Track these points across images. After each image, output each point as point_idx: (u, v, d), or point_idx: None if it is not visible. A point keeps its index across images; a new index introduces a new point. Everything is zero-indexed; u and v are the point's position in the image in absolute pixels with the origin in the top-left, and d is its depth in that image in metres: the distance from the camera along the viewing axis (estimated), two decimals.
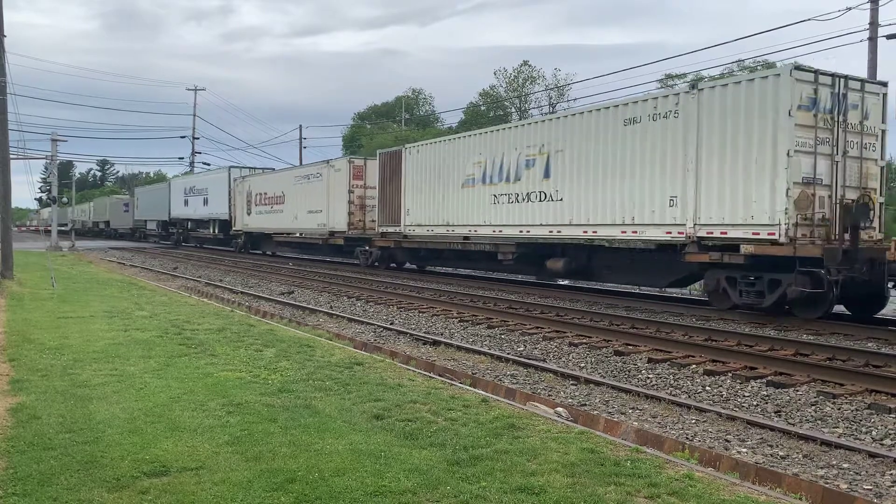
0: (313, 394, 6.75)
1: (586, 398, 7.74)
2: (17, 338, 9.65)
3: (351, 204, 26.71)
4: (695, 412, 7.14)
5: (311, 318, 13.98)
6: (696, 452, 5.69)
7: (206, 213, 43.25)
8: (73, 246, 42.90)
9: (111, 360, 8.15)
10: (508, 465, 4.87)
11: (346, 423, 5.79)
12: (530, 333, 11.79)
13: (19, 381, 7.09)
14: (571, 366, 9.48)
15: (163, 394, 6.63)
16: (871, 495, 5.00)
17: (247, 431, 5.51)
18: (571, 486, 4.51)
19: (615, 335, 11.26)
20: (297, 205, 30.98)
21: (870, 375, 8.20)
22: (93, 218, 73.98)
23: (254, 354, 8.73)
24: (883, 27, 23.60)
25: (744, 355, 9.47)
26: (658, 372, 8.99)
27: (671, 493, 4.43)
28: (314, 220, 29.41)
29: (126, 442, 5.21)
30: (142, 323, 11.24)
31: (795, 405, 7.44)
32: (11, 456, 4.90)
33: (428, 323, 13.22)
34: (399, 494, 4.33)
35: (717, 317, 13.48)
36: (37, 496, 4.23)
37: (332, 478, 4.56)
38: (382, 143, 52.03)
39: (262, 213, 35.21)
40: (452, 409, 6.30)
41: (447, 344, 10.89)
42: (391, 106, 74.52)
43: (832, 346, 10.03)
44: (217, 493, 4.31)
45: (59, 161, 46.59)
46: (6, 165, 19.47)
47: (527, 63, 67.62)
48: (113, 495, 4.27)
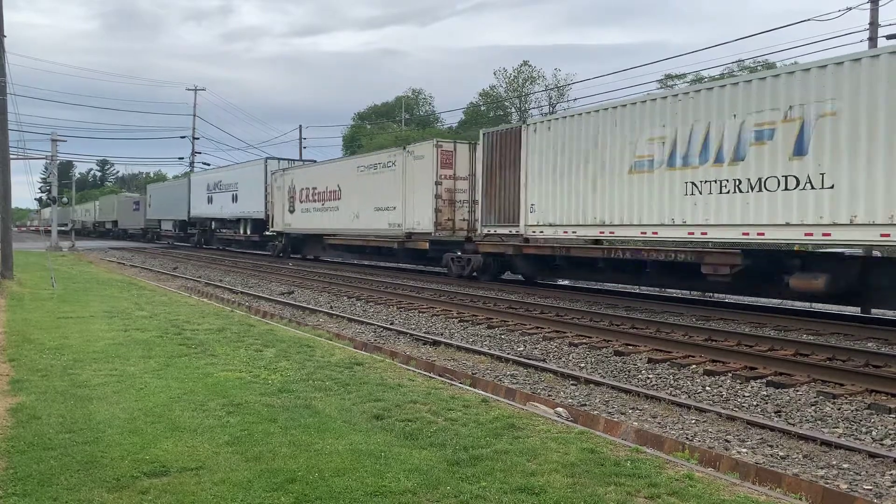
0: (313, 394, 6.74)
1: (586, 398, 7.74)
2: (17, 338, 9.65)
3: (438, 199, 21.54)
4: (695, 412, 7.14)
5: (311, 318, 13.97)
6: (696, 452, 5.69)
7: (235, 212, 38.49)
8: (73, 246, 42.89)
9: (111, 361, 8.15)
10: (508, 465, 4.87)
11: (346, 423, 5.79)
12: (530, 333, 11.79)
13: (19, 381, 7.09)
14: (571, 366, 9.48)
15: (163, 394, 6.63)
16: (871, 495, 5.00)
17: (247, 431, 5.51)
18: (571, 486, 4.51)
19: (615, 335, 11.26)
20: (360, 201, 25.94)
21: (870, 375, 8.20)
22: (98, 217, 71.99)
23: (254, 354, 8.73)
24: (883, 27, 23.65)
25: (744, 355, 9.47)
26: (658, 372, 8.99)
27: (671, 493, 4.43)
28: (383, 218, 24.39)
29: (126, 442, 5.21)
30: (142, 323, 11.24)
31: (795, 405, 7.44)
32: (11, 456, 4.90)
33: (428, 323, 13.22)
34: (399, 494, 4.32)
35: (716, 317, 13.47)
36: (37, 496, 4.23)
37: (332, 478, 4.56)
38: (382, 143, 51.92)
39: (308, 210, 30.23)
40: (452, 409, 6.30)
41: (447, 344, 10.89)
42: (391, 106, 74.55)
43: (832, 346, 10.03)
44: (217, 493, 4.31)
45: (59, 161, 46.53)
46: (6, 165, 19.46)
47: (527, 63, 67.77)
48: (113, 495, 4.27)
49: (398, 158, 23.72)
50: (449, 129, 59.57)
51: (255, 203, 35.53)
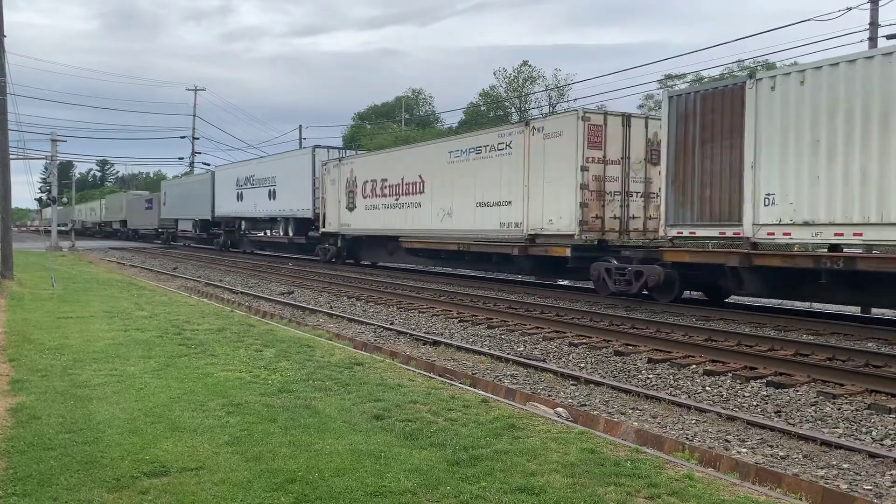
0: (313, 394, 6.74)
1: (586, 398, 7.74)
2: (17, 338, 9.65)
3: (584, 189, 16.31)
4: (695, 412, 7.14)
5: (311, 318, 13.98)
6: (696, 453, 5.69)
7: (272, 210, 33.21)
8: (72, 246, 42.90)
9: (111, 361, 8.15)
10: (508, 465, 4.87)
11: (346, 424, 5.79)
12: (530, 333, 11.79)
13: (19, 381, 7.09)
14: (571, 366, 9.48)
15: (163, 394, 6.63)
16: (871, 495, 5.00)
17: (247, 431, 5.51)
18: (571, 486, 4.51)
19: (615, 335, 11.26)
20: (453, 194, 20.83)
21: (870, 375, 8.20)
22: (105, 217, 68.68)
23: (254, 354, 8.72)
24: (883, 27, 23.59)
25: (744, 355, 9.47)
26: (658, 372, 8.99)
27: (671, 493, 4.43)
28: (491, 217, 19.23)
29: (126, 442, 5.21)
30: (142, 323, 11.24)
31: (795, 405, 7.44)
32: (11, 456, 4.90)
33: (428, 323, 13.22)
34: (399, 494, 4.32)
35: (716, 317, 13.47)
36: (37, 496, 4.23)
37: (332, 478, 4.56)
38: (382, 143, 51.75)
39: (376, 207, 24.97)
40: (452, 409, 6.30)
41: (447, 344, 10.89)
42: (391, 106, 74.54)
43: (832, 346, 10.02)
44: (217, 493, 4.30)
45: (58, 161, 46.59)
46: (6, 165, 19.47)
47: (527, 63, 67.63)
48: (113, 495, 4.27)
49: (517, 138, 18.50)
50: (449, 129, 59.55)
51: (300, 199, 30.38)
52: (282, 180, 32.22)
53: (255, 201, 34.86)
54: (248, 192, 35.77)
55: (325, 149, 30.14)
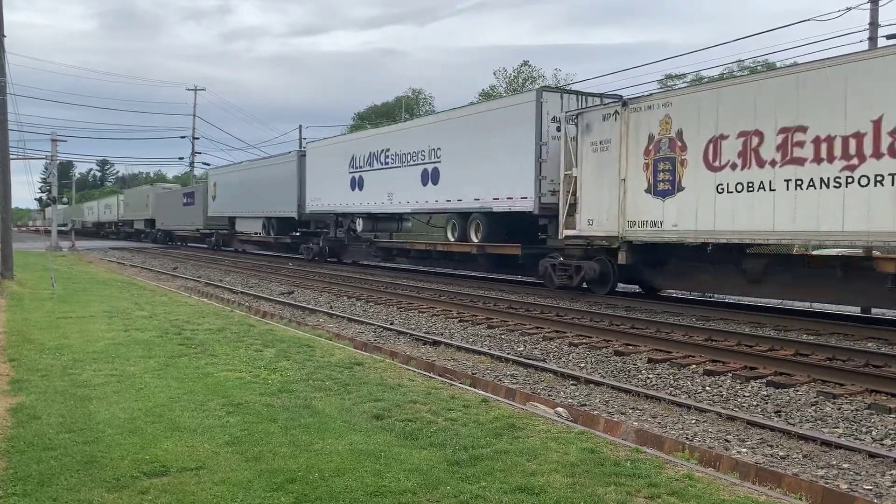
0: (313, 394, 6.74)
1: (586, 398, 7.74)
2: (17, 338, 9.65)
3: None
4: (695, 412, 7.14)
5: (311, 318, 13.97)
6: (696, 452, 5.69)
7: (430, 202, 22.09)
8: (72, 246, 42.91)
9: (111, 361, 8.15)
10: (508, 465, 4.87)
11: (345, 423, 5.79)
12: (530, 333, 11.79)
13: (19, 381, 7.09)
14: (571, 366, 9.48)
15: (163, 394, 6.63)
16: (871, 495, 4.99)
17: (247, 431, 5.51)
18: (571, 486, 4.51)
19: (615, 335, 11.26)
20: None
21: (870, 375, 8.20)
22: (122, 215, 58.62)
23: (254, 354, 8.73)
24: (883, 27, 23.58)
25: (744, 355, 9.47)
26: (658, 372, 8.99)
27: (671, 493, 4.43)
28: None
29: (126, 442, 5.21)
30: (142, 323, 11.24)
31: (795, 405, 7.44)
32: (11, 456, 4.90)
33: (428, 323, 13.22)
34: (399, 494, 4.32)
35: (716, 317, 13.47)
36: (37, 496, 4.23)
37: (331, 478, 4.56)
38: None
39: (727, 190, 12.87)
40: (452, 409, 6.30)
41: (447, 344, 10.89)
42: (391, 106, 74.49)
43: (832, 346, 10.03)
44: (217, 493, 4.31)
45: (59, 161, 46.61)
46: (6, 165, 19.47)
47: (526, 63, 67.55)
48: (113, 495, 4.27)
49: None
50: None
51: (497, 182, 18.90)
52: (457, 151, 20.66)
53: (395, 189, 23.66)
54: (380, 176, 24.55)
55: (556, 91, 18.55)
